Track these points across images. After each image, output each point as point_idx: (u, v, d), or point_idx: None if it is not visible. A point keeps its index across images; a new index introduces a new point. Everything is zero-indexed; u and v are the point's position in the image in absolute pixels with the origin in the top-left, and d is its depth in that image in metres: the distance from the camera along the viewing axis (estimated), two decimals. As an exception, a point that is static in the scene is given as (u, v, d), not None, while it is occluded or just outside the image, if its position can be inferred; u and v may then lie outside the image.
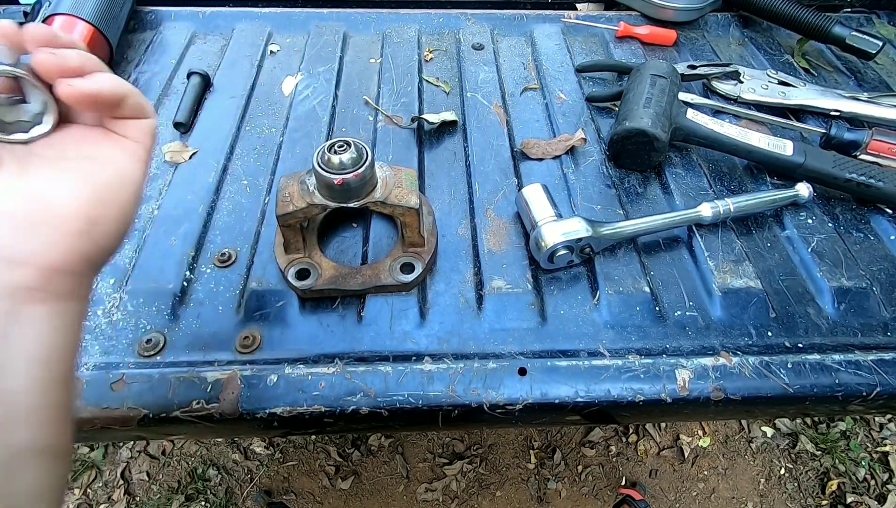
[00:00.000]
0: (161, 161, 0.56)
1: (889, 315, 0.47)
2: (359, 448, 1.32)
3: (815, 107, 0.64)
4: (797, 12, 0.71)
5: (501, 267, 0.49)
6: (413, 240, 0.46)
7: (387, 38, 0.73)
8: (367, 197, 0.42)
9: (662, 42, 0.74)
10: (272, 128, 0.61)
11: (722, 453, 1.35)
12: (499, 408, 0.40)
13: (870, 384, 0.41)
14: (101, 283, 0.46)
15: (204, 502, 1.25)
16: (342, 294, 0.46)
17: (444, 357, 0.42)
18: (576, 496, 1.28)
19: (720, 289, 0.47)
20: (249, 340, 0.43)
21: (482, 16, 0.77)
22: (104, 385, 0.39)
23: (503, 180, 0.56)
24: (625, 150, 0.56)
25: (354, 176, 0.40)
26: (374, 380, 0.40)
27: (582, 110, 0.64)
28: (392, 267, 0.46)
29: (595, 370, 0.41)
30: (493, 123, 0.62)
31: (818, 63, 0.74)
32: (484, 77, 0.68)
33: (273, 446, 1.32)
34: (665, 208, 0.55)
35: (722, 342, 0.44)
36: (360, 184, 0.41)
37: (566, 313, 0.46)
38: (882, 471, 1.32)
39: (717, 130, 0.56)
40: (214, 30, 0.73)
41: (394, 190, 0.43)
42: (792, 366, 0.42)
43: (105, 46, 0.62)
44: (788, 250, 0.51)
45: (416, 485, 1.27)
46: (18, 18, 0.68)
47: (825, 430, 1.38)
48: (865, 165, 0.54)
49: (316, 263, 0.46)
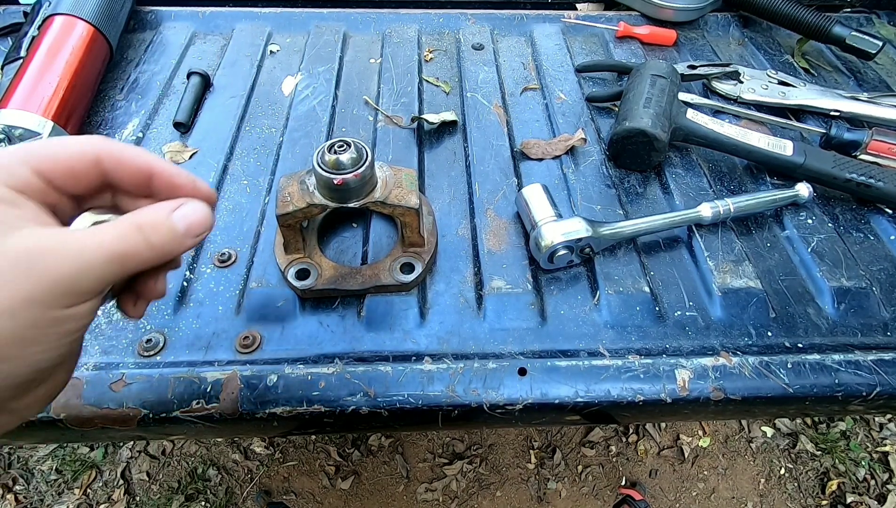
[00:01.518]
0: (161, 161, 0.56)
1: (889, 315, 0.47)
2: (359, 447, 1.32)
3: (815, 107, 0.64)
4: (797, 12, 0.71)
5: (501, 267, 0.49)
6: (413, 240, 0.46)
7: (387, 38, 0.73)
8: (367, 197, 0.42)
9: (662, 42, 0.74)
10: (272, 128, 0.61)
11: (722, 453, 1.35)
12: (499, 408, 0.40)
13: (870, 384, 0.41)
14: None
15: (204, 502, 1.25)
16: (342, 294, 0.46)
17: (444, 357, 0.42)
18: (576, 496, 1.28)
19: (720, 289, 0.47)
20: (249, 340, 0.43)
21: (482, 16, 0.77)
22: (104, 385, 0.39)
23: (503, 180, 0.56)
24: (625, 150, 0.56)
25: (354, 176, 0.40)
26: (374, 380, 0.40)
27: (582, 110, 0.64)
28: (392, 267, 0.46)
29: (595, 370, 0.41)
30: (493, 123, 0.62)
31: (818, 63, 0.74)
32: (484, 77, 0.68)
33: (273, 446, 1.32)
34: (665, 208, 0.55)
35: (722, 342, 0.44)
36: (360, 184, 0.41)
37: (566, 313, 0.46)
38: (882, 471, 1.32)
39: (717, 130, 0.56)
40: (214, 30, 0.73)
41: (394, 190, 0.43)
42: (792, 366, 0.42)
43: (105, 46, 0.62)
44: (788, 250, 0.51)
45: (416, 485, 1.27)
46: (18, 18, 0.68)
47: (825, 430, 1.38)
48: (865, 165, 0.54)
49: (316, 263, 0.46)
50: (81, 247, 0.23)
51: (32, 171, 0.25)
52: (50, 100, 0.52)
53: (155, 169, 0.27)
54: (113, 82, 0.65)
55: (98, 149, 0.26)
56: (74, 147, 0.26)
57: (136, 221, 0.25)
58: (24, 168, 0.25)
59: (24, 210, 0.24)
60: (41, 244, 0.22)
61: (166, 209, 0.26)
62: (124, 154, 0.27)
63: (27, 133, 0.50)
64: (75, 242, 0.23)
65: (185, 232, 0.27)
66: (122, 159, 0.27)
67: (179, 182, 0.28)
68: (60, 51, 0.56)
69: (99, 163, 0.26)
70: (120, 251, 0.24)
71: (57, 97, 0.53)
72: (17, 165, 0.25)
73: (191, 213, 0.27)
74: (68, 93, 0.54)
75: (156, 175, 0.28)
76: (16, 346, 0.22)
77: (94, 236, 0.24)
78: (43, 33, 0.58)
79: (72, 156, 0.26)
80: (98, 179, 0.27)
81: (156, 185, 0.28)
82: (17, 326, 0.21)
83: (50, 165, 0.25)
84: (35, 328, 0.22)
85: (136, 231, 0.25)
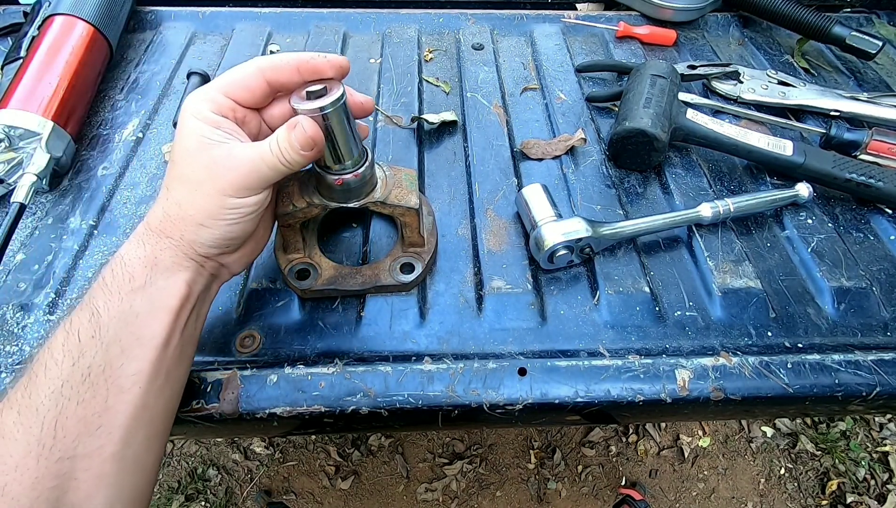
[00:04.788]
0: (161, 161, 0.56)
1: (889, 315, 0.47)
2: (359, 448, 1.32)
3: (815, 107, 0.64)
4: (797, 12, 0.71)
5: (501, 267, 0.49)
6: (413, 240, 0.46)
7: (387, 38, 0.73)
8: (367, 197, 0.42)
9: (662, 42, 0.74)
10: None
11: (722, 453, 1.35)
12: (499, 408, 0.40)
13: (870, 384, 0.41)
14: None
15: (204, 502, 1.25)
16: (342, 294, 0.46)
17: (444, 357, 0.42)
18: (576, 496, 1.28)
19: (720, 289, 0.47)
20: (249, 340, 0.43)
21: (482, 16, 0.77)
22: (104, 385, 0.39)
23: (503, 180, 0.56)
24: (625, 150, 0.56)
25: (354, 176, 0.40)
26: (374, 380, 0.40)
27: (582, 110, 0.64)
28: (392, 267, 0.46)
29: (595, 370, 0.41)
30: (493, 123, 0.62)
31: (818, 63, 0.74)
32: (484, 77, 0.68)
33: (273, 446, 1.32)
34: (665, 208, 0.55)
35: (722, 342, 0.44)
36: (360, 184, 0.41)
37: (566, 313, 0.46)
38: (882, 471, 1.32)
39: (717, 130, 0.56)
40: (214, 30, 0.73)
41: (394, 190, 0.43)
42: (792, 366, 0.42)
43: (105, 46, 0.62)
44: (788, 250, 0.51)
45: (416, 485, 1.27)
46: (18, 18, 0.68)
47: (825, 430, 1.38)
48: (865, 165, 0.54)
49: (316, 263, 0.46)
50: (247, 159, 0.34)
51: (225, 95, 0.35)
52: (50, 100, 0.52)
53: (299, 63, 0.36)
54: (113, 82, 0.65)
55: (258, 64, 0.36)
56: (245, 69, 0.36)
57: (271, 142, 0.35)
58: (220, 95, 0.35)
59: (222, 128, 0.35)
60: (228, 155, 0.34)
61: (286, 128, 0.35)
62: (274, 60, 0.36)
63: (27, 133, 0.50)
64: (244, 155, 0.34)
65: (302, 147, 0.35)
66: (275, 65, 0.35)
67: (318, 65, 0.36)
68: (60, 51, 0.56)
69: (262, 73, 0.35)
70: (268, 163, 0.34)
71: (57, 97, 0.53)
72: (216, 93, 0.35)
73: (299, 133, 0.34)
74: (68, 93, 0.54)
75: (300, 67, 0.36)
76: (212, 219, 0.34)
77: (254, 150, 0.34)
78: (43, 33, 0.57)
79: (246, 76, 0.35)
80: (266, 88, 0.36)
81: (304, 75, 0.36)
82: (212, 206, 0.34)
83: (234, 88, 0.35)
84: (222, 208, 0.34)
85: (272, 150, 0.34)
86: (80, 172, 0.55)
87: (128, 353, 0.31)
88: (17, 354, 0.41)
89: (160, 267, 0.34)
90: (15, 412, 0.29)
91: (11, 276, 0.46)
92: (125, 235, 0.49)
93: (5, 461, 0.28)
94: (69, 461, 0.29)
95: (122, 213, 0.51)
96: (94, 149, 0.57)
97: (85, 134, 0.58)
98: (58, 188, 0.53)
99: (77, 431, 0.29)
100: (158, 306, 0.33)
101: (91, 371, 0.30)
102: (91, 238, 0.49)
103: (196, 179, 0.34)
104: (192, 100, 0.35)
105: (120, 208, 0.52)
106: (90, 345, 0.31)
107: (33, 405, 0.29)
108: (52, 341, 0.31)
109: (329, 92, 0.36)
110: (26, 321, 0.43)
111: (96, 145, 0.57)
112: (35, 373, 0.30)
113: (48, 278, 0.46)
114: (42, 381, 0.30)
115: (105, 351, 0.31)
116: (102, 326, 0.31)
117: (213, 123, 0.34)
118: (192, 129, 0.34)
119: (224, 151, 0.34)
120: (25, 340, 0.42)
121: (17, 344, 0.42)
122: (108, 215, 0.51)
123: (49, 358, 0.30)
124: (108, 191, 0.53)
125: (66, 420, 0.29)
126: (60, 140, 0.52)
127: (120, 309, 0.32)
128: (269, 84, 0.36)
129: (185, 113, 0.35)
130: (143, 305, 0.32)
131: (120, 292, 0.32)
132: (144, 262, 0.33)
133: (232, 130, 0.35)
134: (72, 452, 0.29)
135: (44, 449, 0.28)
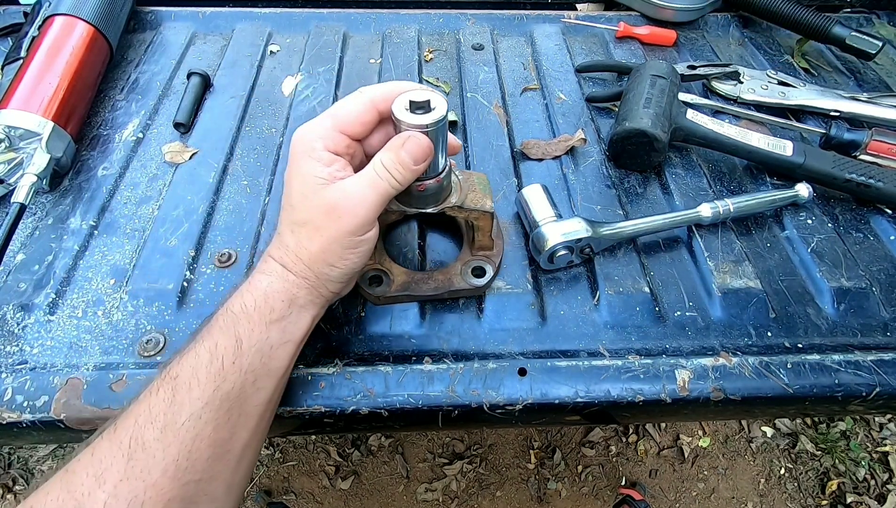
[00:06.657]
0: (161, 161, 0.56)
1: (889, 315, 0.47)
2: (359, 448, 1.32)
3: (815, 107, 0.64)
4: (797, 12, 0.71)
5: (502, 267, 0.49)
6: (483, 243, 0.46)
7: (387, 38, 0.73)
8: (445, 202, 0.42)
9: (662, 42, 0.74)
10: (272, 128, 0.61)
11: (722, 453, 1.35)
12: (499, 408, 0.40)
13: (869, 385, 0.41)
14: (101, 283, 0.46)
15: (204, 502, 1.25)
16: (416, 300, 0.45)
17: (444, 357, 0.42)
18: (576, 496, 1.28)
19: (720, 289, 0.47)
20: (249, 340, 0.43)
21: (482, 16, 0.77)
22: (104, 386, 0.39)
23: (503, 180, 0.56)
24: (625, 150, 0.56)
25: (436, 181, 0.40)
26: (374, 380, 0.40)
27: (582, 111, 0.64)
28: (463, 271, 0.46)
29: (595, 371, 0.41)
30: (493, 124, 0.62)
31: (818, 63, 0.74)
32: (484, 77, 0.68)
33: (273, 446, 1.32)
34: (665, 208, 0.55)
35: (722, 343, 0.44)
36: (439, 189, 0.41)
37: (566, 314, 0.46)
38: (882, 471, 1.32)
39: (717, 131, 0.56)
40: (214, 30, 0.73)
41: (469, 194, 0.43)
42: (792, 366, 0.42)
43: (105, 46, 0.62)
44: (788, 251, 0.51)
45: (416, 485, 1.27)
46: (18, 18, 0.68)
47: (825, 430, 1.38)
48: (865, 166, 0.54)
49: (387, 269, 0.45)
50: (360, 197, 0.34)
51: (340, 132, 0.35)
52: (50, 100, 0.52)
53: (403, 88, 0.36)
54: (113, 82, 0.65)
55: (370, 96, 0.36)
56: (358, 103, 0.36)
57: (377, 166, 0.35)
58: (335, 132, 0.35)
59: (334, 167, 0.35)
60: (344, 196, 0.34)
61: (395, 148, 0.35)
62: (384, 91, 0.36)
63: (27, 133, 0.50)
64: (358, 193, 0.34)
65: (414, 162, 0.35)
66: (386, 96, 0.36)
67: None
68: (60, 51, 0.56)
69: (375, 105, 0.36)
70: (379, 191, 0.35)
71: (57, 98, 0.53)
72: (332, 131, 0.35)
73: (414, 146, 0.35)
74: (68, 93, 0.54)
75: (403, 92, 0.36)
76: (340, 260, 0.35)
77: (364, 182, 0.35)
78: (43, 34, 0.57)
79: (361, 112, 0.36)
80: (377, 119, 0.37)
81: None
82: (337, 248, 0.35)
83: (349, 125, 0.36)
84: (344, 249, 0.35)
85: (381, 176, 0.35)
86: (81, 172, 0.55)
87: (258, 383, 0.33)
88: (17, 354, 0.41)
89: (297, 303, 0.35)
90: (158, 429, 0.29)
91: (11, 276, 0.46)
92: (125, 235, 0.49)
93: (144, 477, 0.28)
94: (195, 484, 0.30)
95: (122, 213, 0.51)
96: (94, 149, 0.57)
97: (85, 134, 0.58)
98: (58, 189, 0.53)
99: (208, 455, 0.30)
100: (288, 339, 0.35)
101: (229, 397, 0.31)
102: (91, 238, 0.49)
103: (316, 225, 0.35)
104: (305, 137, 0.35)
105: (120, 208, 0.52)
106: (231, 371, 0.31)
107: (175, 424, 0.30)
108: (196, 361, 0.31)
109: (434, 104, 0.36)
110: (26, 321, 0.43)
111: (96, 146, 0.57)
112: (178, 390, 0.30)
113: (48, 279, 0.46)
114: (185, 400, 0.30)
115: (242, 379, 0.32)
116: (243, 353, 0.32)
117: (328, 162, 0.35)
118: (308, 170, 0.34)
119: (339, 193, 0.34)
120: (25, 340, 0.42)
121: (17, 344, 0.42)
122: (109, 215, 0.51)
123: (193, 378, 0.31)
124: (109, 191, 0.53)
125: (202, 443, 0.30)
126: (61, 140, 0.52)
127: (259, 339, 0.33)
128: (379, 115, 0.36)
129: (298, 151, 0.35)
130: (278, 337, 0.34)
131: (262, 322, 0.33)
132: (283, 296, 0.35)
133: (344, 167, 0.36)
134: (199, 475, 0.30)
135: (178, 470, 0.29)
